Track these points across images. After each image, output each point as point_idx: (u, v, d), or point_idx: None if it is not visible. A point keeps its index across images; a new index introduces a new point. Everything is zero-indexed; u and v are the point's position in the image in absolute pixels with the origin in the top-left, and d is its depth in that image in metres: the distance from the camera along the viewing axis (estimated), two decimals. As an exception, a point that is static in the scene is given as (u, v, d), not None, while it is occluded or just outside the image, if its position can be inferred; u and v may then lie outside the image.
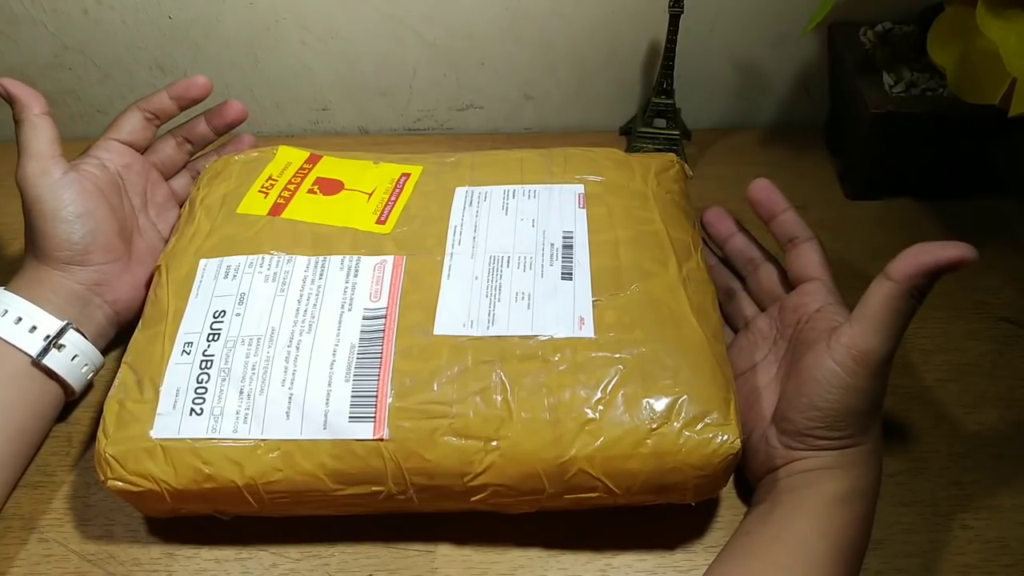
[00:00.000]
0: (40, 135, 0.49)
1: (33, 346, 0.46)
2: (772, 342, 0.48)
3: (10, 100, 0.49)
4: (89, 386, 0.51)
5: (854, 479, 0.41)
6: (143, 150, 0.55)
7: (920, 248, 0.40)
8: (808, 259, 0.47)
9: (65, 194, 0.48)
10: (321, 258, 0.48)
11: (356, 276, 0.47)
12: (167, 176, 0.57)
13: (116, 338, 0.52)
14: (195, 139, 0.58)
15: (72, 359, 0.47)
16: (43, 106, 0.49)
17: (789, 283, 0.49)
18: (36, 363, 0.46)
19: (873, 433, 0.42)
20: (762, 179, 0.50)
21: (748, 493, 0.46)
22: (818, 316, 0.44)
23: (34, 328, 0.46)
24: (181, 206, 0.55)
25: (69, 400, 0.50)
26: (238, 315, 0.45)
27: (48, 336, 0.46)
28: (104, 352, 0.50)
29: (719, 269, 0.54)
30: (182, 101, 0.55)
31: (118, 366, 0.45)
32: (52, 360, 0.47)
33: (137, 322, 0.48)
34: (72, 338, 0.47)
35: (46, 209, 0.48)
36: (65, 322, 0.47)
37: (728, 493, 0.47)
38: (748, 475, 0.46)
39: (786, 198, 0.50)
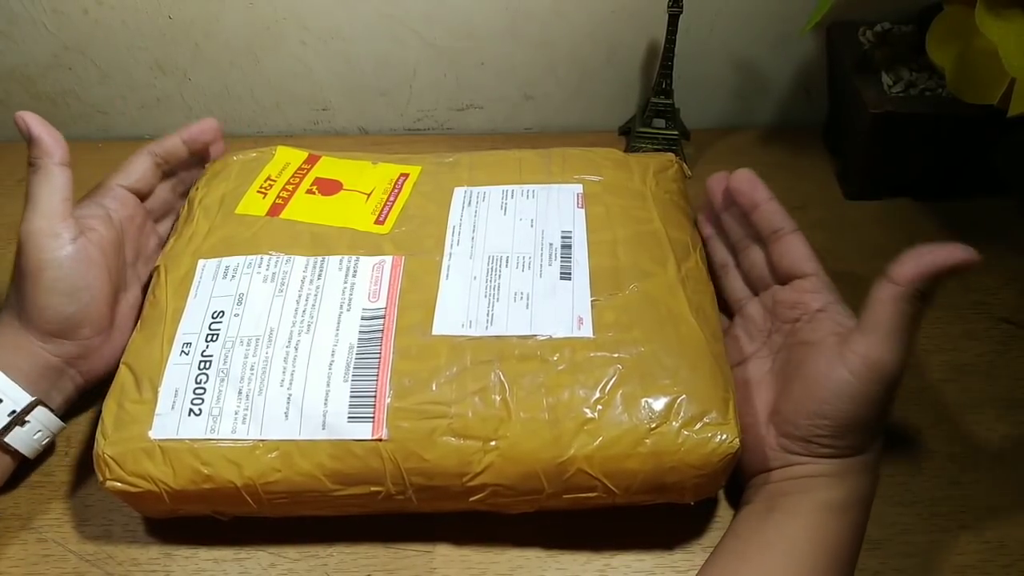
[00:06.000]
0: (55, 190, 0.45)
1: None
2: (766, 335, 0.47)
3: (30, 140, 0.45)
4: (47, 451, 0.48)
5: (851, 488, 0.41)
6: (145, 198, 0.53)
7: (922, 250, 0.39)
8: (798, 252, 0.46)
9: (69, 265, 0.44)
10: (319, 258, 0.48)
11: (355, 276, 0.47)
12: (157, 219, 0.55)
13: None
14: (189, 179, 0.56)
15: (34, 435, 0.45)
16: (64, 155, 0.45)
17: (778, 272, 0.47)
18: None
19: (875, 444, 0.42)
20: (744, 169, 0.48)
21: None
22: (821, 317, 0.44)
23: None
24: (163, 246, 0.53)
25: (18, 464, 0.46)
26: (237, 315, 0.45)
27: (13, 412, 0.43)
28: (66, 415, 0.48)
29: (714, 242, 0.53)
30: (194, 145, 0.54)
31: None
32: (13, 437, 0.44)
33: (104, 384, 0.46)
34: (38, 414, 0.44)
35: (45, 278, 0.44)
36: (33, 399, 0.44)
37: (727, 493, 0.47)
38: (740, 473, 0.45)
39: (770, 190, 0.48)
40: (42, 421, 0.45)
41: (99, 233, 0.47)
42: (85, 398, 0.51)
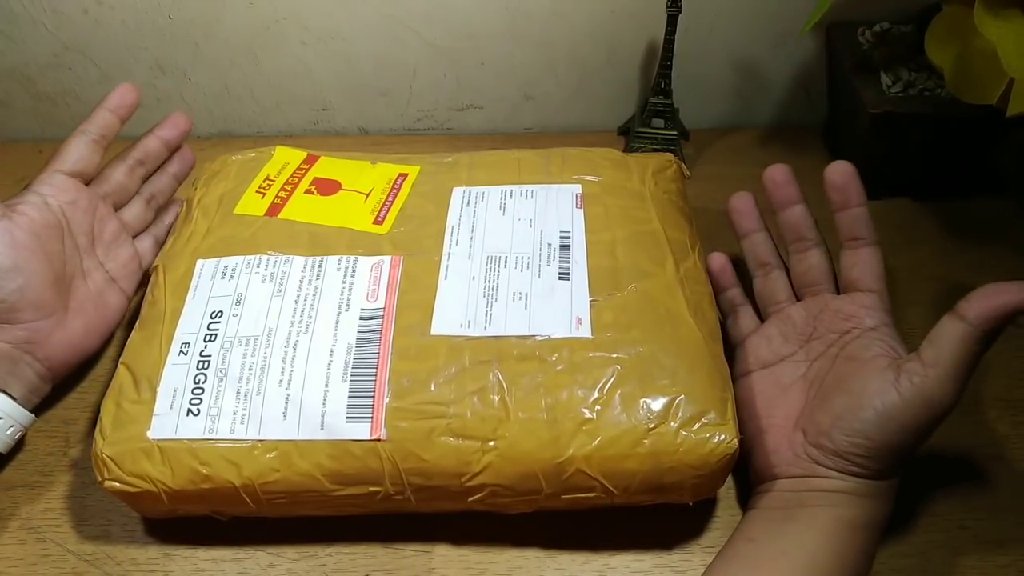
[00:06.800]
0: None
1: None
2: (806, 339, 0.46)
3: None
4: (19, 445, 0.48)
5: (871, 509, 0.41)
6: (90, 180, 0.51)
7: (995, 288, 0.39)
8: (870, 266, 0.45)
9: None
10: (318, 258, 0.48)
11: (353, 276, 0.47)
12: (119, 206, 0.53)
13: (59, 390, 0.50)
14: (148, 159, 0.54)
15: None
16: None
17: (835, 279, 0.47)
18: None
19: (901, 472, 0.41)
20: (845, 162, 0.46)
21: (746, 494, 0.46)
22: (873, 336, 0.43)
23: None
24: (135, 237, 0.53)
25: None
26: (235, 315, 0.45)
27: None
28: (40, 409, 0.48)
29: (757, 237, 0.51)
30: (121, 111, 0.51)
31: (115, 366, 0.45)
32: None
33: (74, 378, 0.45)
34: None
35: None
36: None
37: (726, 493, 0.47)
38: (754, 473, 0.45)
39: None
40: (4, 409, 0.44)
41: (29, 217, 0.46)
42: (84, 398, 0.51)
